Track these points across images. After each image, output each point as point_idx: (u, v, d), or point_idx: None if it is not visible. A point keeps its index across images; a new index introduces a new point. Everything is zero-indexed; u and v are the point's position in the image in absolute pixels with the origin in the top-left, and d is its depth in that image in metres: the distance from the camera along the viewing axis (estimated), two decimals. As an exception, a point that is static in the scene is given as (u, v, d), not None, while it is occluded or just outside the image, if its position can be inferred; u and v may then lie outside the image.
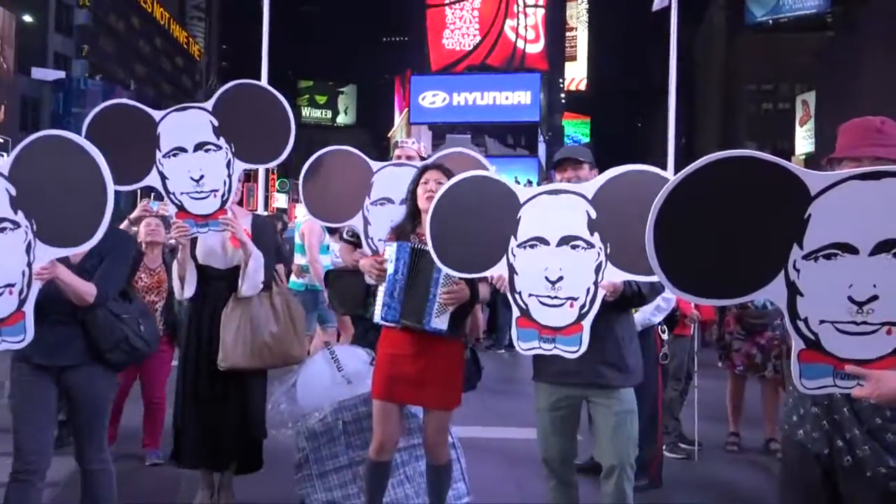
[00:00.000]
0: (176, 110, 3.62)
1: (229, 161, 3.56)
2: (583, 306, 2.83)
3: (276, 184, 33.77)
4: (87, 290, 2.98)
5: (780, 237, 1.91)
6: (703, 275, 1.99)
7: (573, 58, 68.34)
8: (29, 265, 2.77)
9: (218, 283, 3.75)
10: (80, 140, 2.82)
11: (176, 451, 3.88)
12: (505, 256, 2.94)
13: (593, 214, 2.80)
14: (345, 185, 3.84)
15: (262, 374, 3.85)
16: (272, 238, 3.99)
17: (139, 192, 5.16)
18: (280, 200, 34.66)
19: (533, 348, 2.93)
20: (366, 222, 3.81)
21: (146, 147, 3.57)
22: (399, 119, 44.89)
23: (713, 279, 1.99)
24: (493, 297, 10.21)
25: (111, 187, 2.76)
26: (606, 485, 3.04)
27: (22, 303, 2.80)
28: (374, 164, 3.85)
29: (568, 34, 66.83)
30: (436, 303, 3.16)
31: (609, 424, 3.04)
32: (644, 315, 4.18)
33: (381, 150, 49.19)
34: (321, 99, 74.33)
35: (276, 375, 4.05)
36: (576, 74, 68.27)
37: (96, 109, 3.61)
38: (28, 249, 2.76)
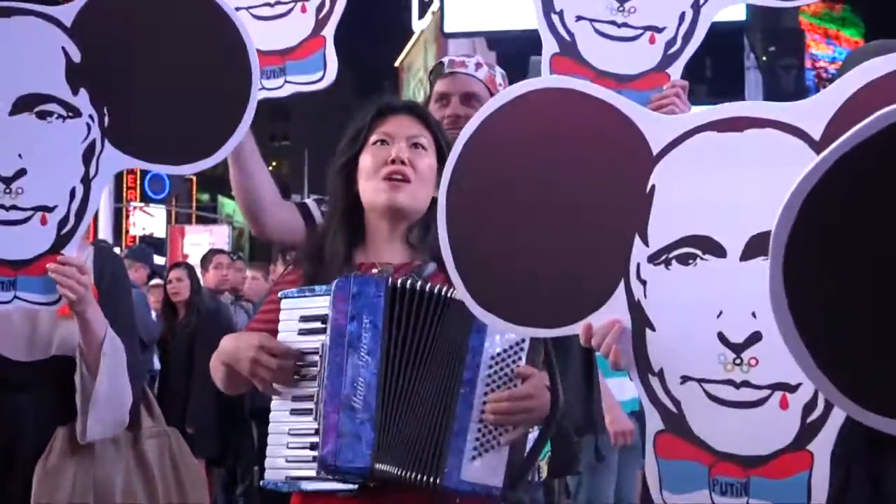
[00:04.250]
0: None
1: (92, 146, 1.86)
2: (809, 406, 1.33)
3: (143, 179, 17.07)
4: None
5: None
6: None
7: None
8: None
9: (17, 397, 2.10)
10: None
11: None
12: (622, 283, 1.49)
13: None
14: None
15: None
16: (130, 299, 2.33)
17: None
18: (151, 219, 18.30)
19: None
20: None
21: None
22: (425, 26, 21.46)
23: None
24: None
25: None
26: None
27: None
28: None
29: None
30: (472, 425, 1.54)
31: None
32: None
33: (394, 87, 24.00)
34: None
35: None
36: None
37: None
38: None
